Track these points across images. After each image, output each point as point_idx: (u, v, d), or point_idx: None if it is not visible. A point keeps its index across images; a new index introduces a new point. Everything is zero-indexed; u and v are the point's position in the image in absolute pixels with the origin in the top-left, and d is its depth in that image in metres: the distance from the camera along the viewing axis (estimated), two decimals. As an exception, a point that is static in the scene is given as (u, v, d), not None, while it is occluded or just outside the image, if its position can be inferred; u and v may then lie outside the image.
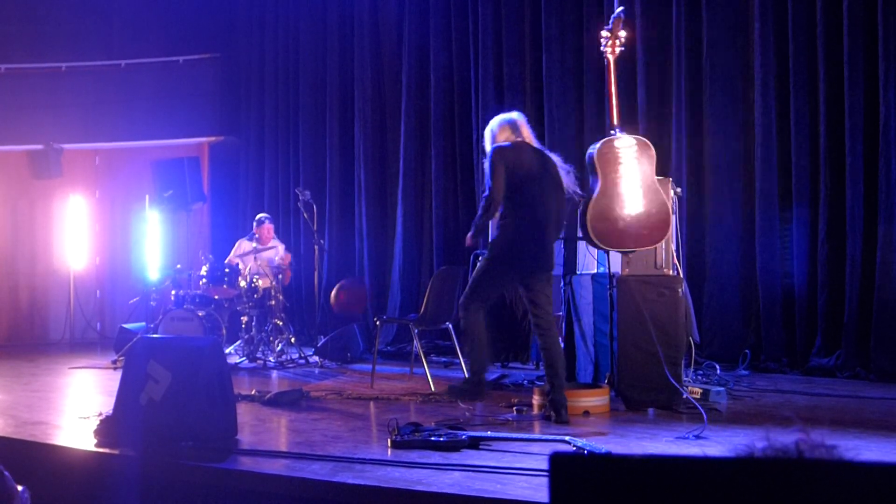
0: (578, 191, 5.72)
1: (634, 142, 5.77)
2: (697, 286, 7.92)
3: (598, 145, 5.78)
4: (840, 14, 7.41)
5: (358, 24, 10.97)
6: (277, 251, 9.41)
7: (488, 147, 5.63)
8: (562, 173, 5.60)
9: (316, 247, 9.51)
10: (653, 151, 5.79)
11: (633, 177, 5.71)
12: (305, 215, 9.46)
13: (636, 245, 5.77)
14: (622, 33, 5.85)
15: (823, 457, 0.95)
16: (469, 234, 5.83)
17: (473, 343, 5.61)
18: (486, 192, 5.49)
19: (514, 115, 5.75)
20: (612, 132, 5.80)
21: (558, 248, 7.75)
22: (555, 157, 5.65)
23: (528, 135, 5.65)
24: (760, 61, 7.88)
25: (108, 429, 4.81)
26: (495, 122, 5.73)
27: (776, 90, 7.83)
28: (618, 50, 5.87)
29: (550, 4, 9.23)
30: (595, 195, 5.68)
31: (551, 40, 9.22)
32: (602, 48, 5.92)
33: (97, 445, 4.75)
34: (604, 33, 5.93)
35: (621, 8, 6.06)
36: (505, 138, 5.61)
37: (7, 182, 11.94)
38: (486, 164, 5.54)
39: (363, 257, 10.67)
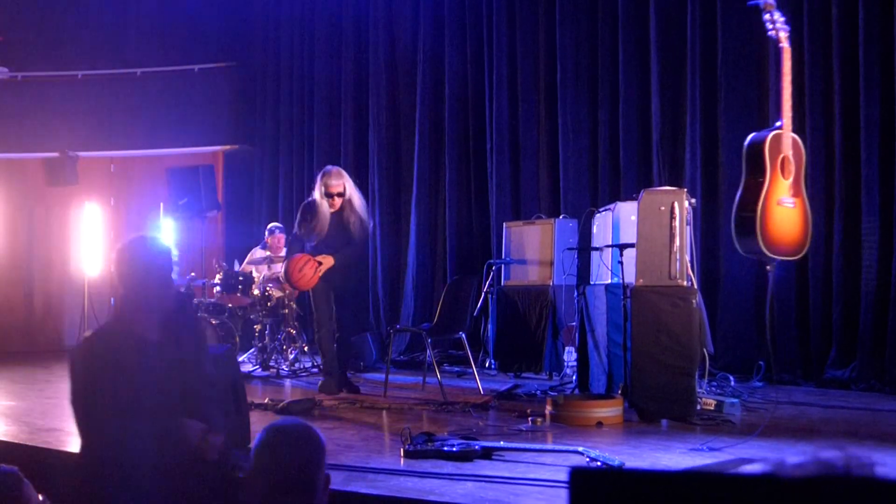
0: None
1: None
2: (711, 297, 7.88)
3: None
4: (856, 24, 7.37)
5: (373, 33, 10.99)
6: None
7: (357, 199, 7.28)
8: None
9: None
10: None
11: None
12: (319, 224, 9.44)
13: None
14: (778, 15, 5.31)
15: (869, 474, 0.93)
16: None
17: (325, 353, 7.20)
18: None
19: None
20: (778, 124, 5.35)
21: (572, 257, 7.75)
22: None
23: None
24: (775, 71, 7.85)
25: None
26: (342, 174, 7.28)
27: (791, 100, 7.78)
28: (783, 34, 5.15)
29: (565, 12, 9.24)
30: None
31: (565, 48, 9.22)
32: (771, 34, 5.30)
33: (111, 453, 4.74)
34: (766, 18, 5.40)
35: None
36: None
37: (23, 189, 12.02)
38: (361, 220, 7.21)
39: (377, 266, 10.67)
